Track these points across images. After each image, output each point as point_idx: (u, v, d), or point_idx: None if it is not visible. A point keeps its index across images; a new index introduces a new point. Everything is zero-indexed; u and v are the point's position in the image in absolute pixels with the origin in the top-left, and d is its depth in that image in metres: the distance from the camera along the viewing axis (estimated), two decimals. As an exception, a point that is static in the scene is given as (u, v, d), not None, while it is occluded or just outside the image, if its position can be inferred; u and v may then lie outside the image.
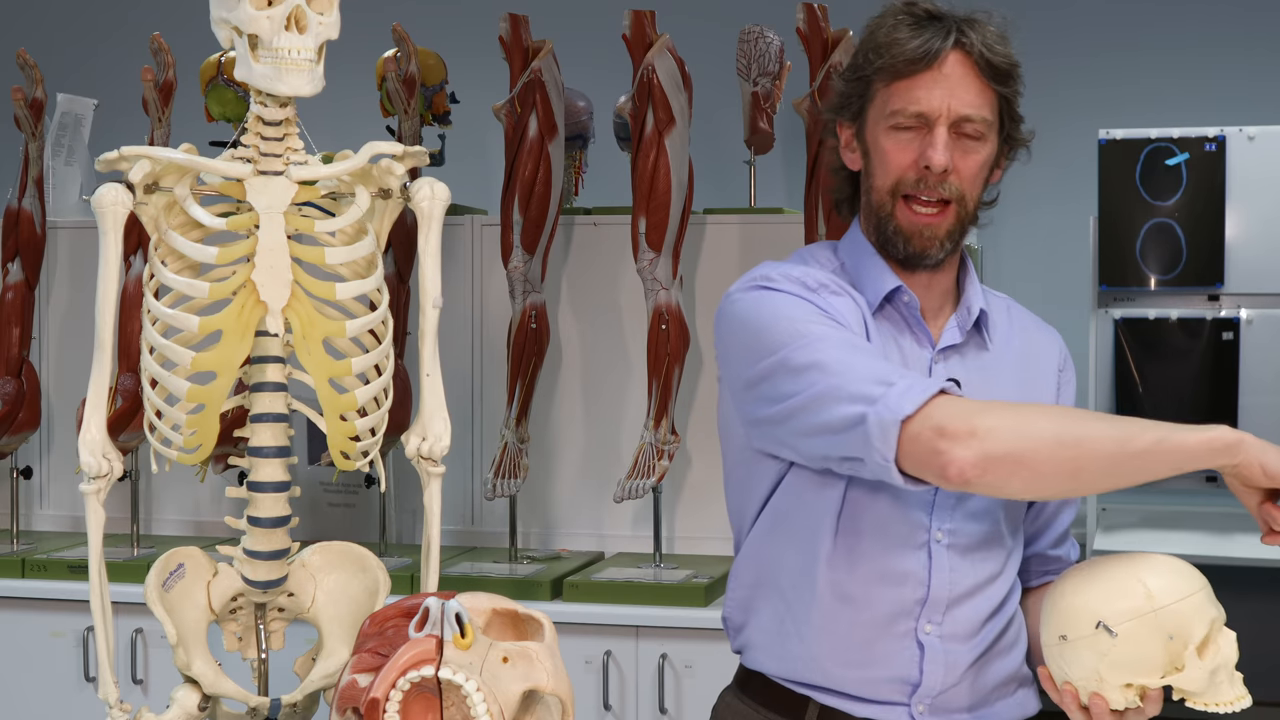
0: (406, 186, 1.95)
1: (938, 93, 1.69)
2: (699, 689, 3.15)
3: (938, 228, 1.72)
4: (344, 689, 1.54)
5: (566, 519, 3.77)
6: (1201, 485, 4.28)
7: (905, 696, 1.75)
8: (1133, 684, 1.56)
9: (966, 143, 1.71)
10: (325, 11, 1.82)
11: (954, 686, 1.76)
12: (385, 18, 3.60)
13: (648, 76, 3.31)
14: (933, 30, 1.70)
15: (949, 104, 1.69)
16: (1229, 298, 4.18)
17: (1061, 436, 1.53)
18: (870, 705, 1.75)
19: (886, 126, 1.72)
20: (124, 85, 3.96)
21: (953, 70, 1.70)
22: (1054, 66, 4.96)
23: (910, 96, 1.70)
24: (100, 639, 1.89)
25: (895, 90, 1.71)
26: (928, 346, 1.77)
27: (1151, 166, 4.19)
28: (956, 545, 1.75)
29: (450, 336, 3.76)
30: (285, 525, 1.93)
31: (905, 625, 1.74)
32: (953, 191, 1.71)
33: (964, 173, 1.71)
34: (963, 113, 1.70)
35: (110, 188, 1.84)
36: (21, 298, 3.75)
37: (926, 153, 1.69)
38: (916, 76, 1.70)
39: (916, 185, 1.71)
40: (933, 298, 1.80)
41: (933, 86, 1.69)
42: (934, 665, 1.74)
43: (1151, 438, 1.52)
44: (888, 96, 1.72)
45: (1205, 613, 1.57)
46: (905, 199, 1.72)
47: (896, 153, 1.72)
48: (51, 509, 4.03)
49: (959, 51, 1.70)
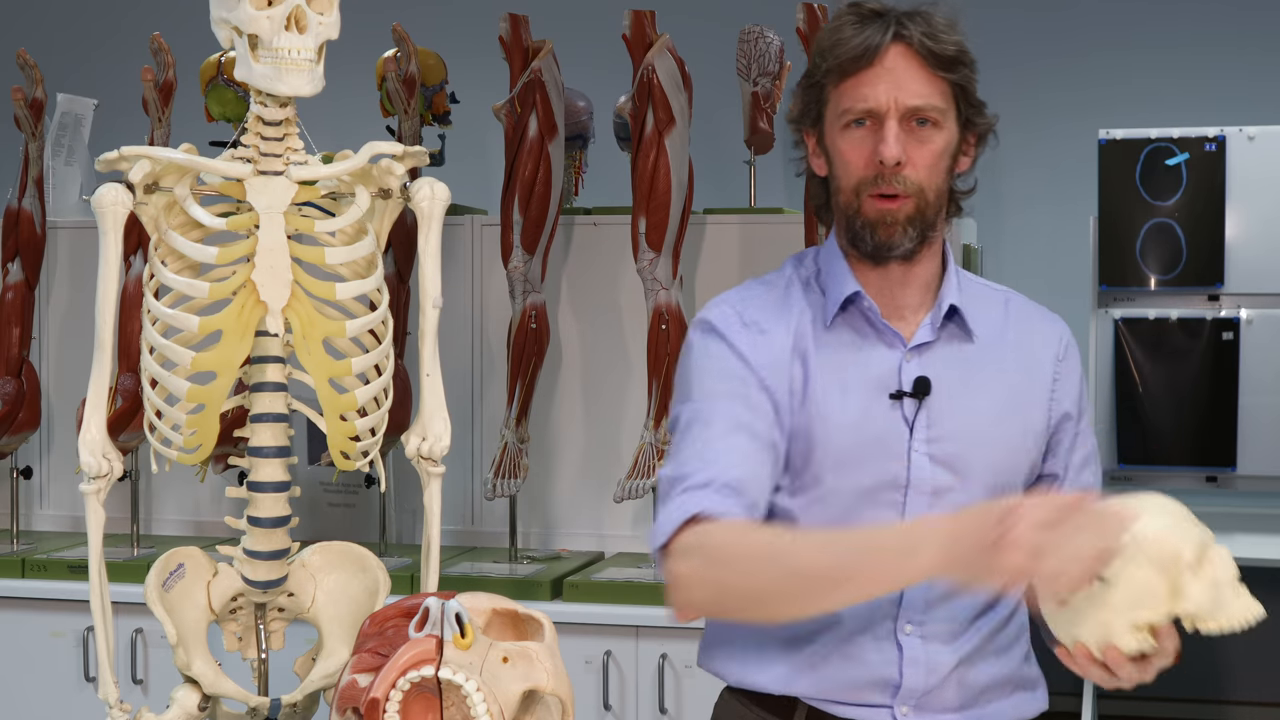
0: (406, 186, 1.95)
1: (882, 87, 1.70)
2: (699, 689, 3.15)
3: (897, 213, 1.72)
4: (344, 689, 1.54)
5: (566, 519, 3.77)
6: (1202, 485, 4.28)
7: (888, 698, 1.73)
8: (1140, 624, 1.54)
9: (920, 133, 1.72)
10: (325, 11, 1.82)
11: (939, 687, 1.74)
12: (385, 18, 3.60)
13: (648, 76, 3.31)
14: (873, 27, 1.72)
15: (895, 97, 1.70)
16: (1229, 298, 4.18)
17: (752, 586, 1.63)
18: (853, 708, 1.74)
19: (840, 127, 1.74)
20: (124, 85, 3.96)
21: (895, 63, 1.71)
22: (1054, 67, 4.97)
23: (857, 94, 1.72)
24: (100, 639, 1.89)
25: (843, 90, 1.73)
26: (899, 346, 1.76)
27: (1151, 166, 4.19)
28: None
29: (450, 336, 3.76)
30: (285, 525, 1.93)
31: (884, 627, 1.73)
32: (909, 185, 1.71)
33: (919, 164, 1.72)
34: (910, 104, 1.70)
35: (110, 188, 1.84)
36: (21, 298, 3.75)
37: (878, 148, 1.70)
38: (861, 74, 1.71)
39: (875, 182, 1.72)
40: (910, 294, 1.79)
41: (877, 82, 1.71)
42: (914, 667, 1.73)
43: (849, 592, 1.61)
44: (838, 98, 1.74)
45: (1189, 535, 1.55)
46: (870, 196, 1.73)
47: (852, 152, 1.73)
48: (51, 509, 4.03)
49: (899, 44, 1.71)
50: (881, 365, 1.75)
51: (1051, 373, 1.83)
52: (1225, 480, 4.26)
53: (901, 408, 1.73)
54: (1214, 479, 4.27)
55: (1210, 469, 4.24)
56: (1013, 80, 4.89)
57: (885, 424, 1.72)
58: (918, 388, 1.73)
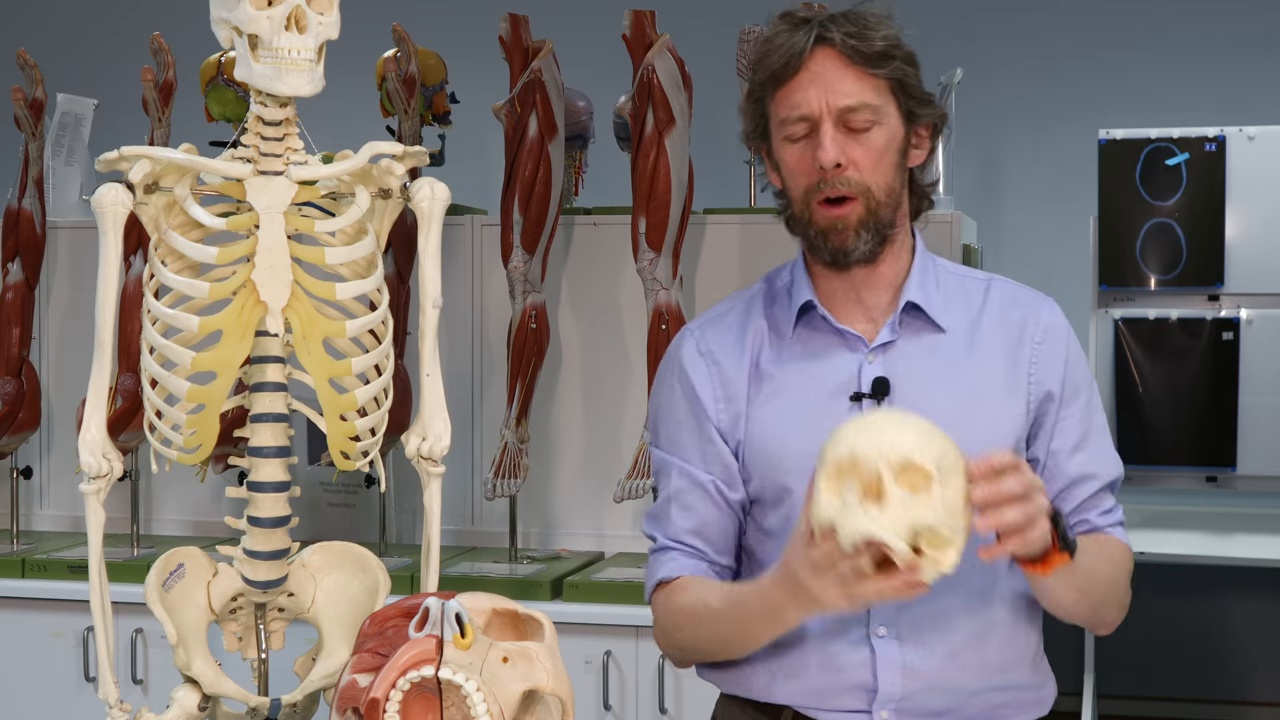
0: (406, 186, 1.95)
1: (812, 92, 1.71)
2: (699, 689, 3.14)
3: (848, 219, 1.72)
4: (344, 689, 1.54)
5: (566, 519, 3.77)
6: (1201, 485, 4.28)
7: (865, 704, 1.72)
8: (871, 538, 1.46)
9: (858, 134, 1.71)
10: (325, 11, 1.82)
11: (921, 691, 1.71)
12: (385, 18, 3.61)
13: (648, 76, 3.31)
14: (798, 34, 1.73)
15: (825, 100, 1.70)
16: (1229, 298, 4.19)
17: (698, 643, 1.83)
18: (834, 714, 1.74)
19: (781, 138, 1.75)
20: (124, 85, 3.96)
21: (821, 66, 1.71)
22: (1054, 66, 4.97)
23: (790, 102, 1.73)
24: (100, 639, 1.89)
25: (779, 100, 1.74)
26: (861, 349, 1.76)
27: (1151, 166, 4.20)
28: None
29: (450, 336, 3.76)
30: (285, 525, 1.93)
31: (856, 630, 1.72)
32: (853, 185, 1.71)
33: (862, 163, 1.71)
34: (842, 104, 1.70)
35: (110, 188, 1.84)
36: (21, 298, 3.75)
37: (816, 153, 1.71)
38: (791, 81, 1.72)
39: (819, 187, 1.72)
40: (877, 295, 1.79)
41: (806, 87, 1.71)
42: (889, 670, 1.71)
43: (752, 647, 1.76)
44: (775, 109, 1.75)
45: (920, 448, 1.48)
46: (819, 203, 1.73)
47: (795, 161, 1.74)
48: (51, 509, 4.03)
49: (823, 47, 1.72)
50: (844, 370, 1.76)
51: (1029, 354, 1.79)
52: (1225, 480, 4.26)
53: (860, 410, 1.72)
54: (1214, 479, 4.27)
55: (1210, 469, 4.25)
56: (1013, 80, 4.90)
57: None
58: (876, 388, 1.72)
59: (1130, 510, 4.37)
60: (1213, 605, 4.78)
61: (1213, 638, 4.81)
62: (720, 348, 1.83)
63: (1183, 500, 4.45)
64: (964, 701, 1.74)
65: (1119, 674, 4.71)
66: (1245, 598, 4.74)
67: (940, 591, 1.71)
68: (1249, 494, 4.36)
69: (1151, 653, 4.81)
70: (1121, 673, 4.73)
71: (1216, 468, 4.24)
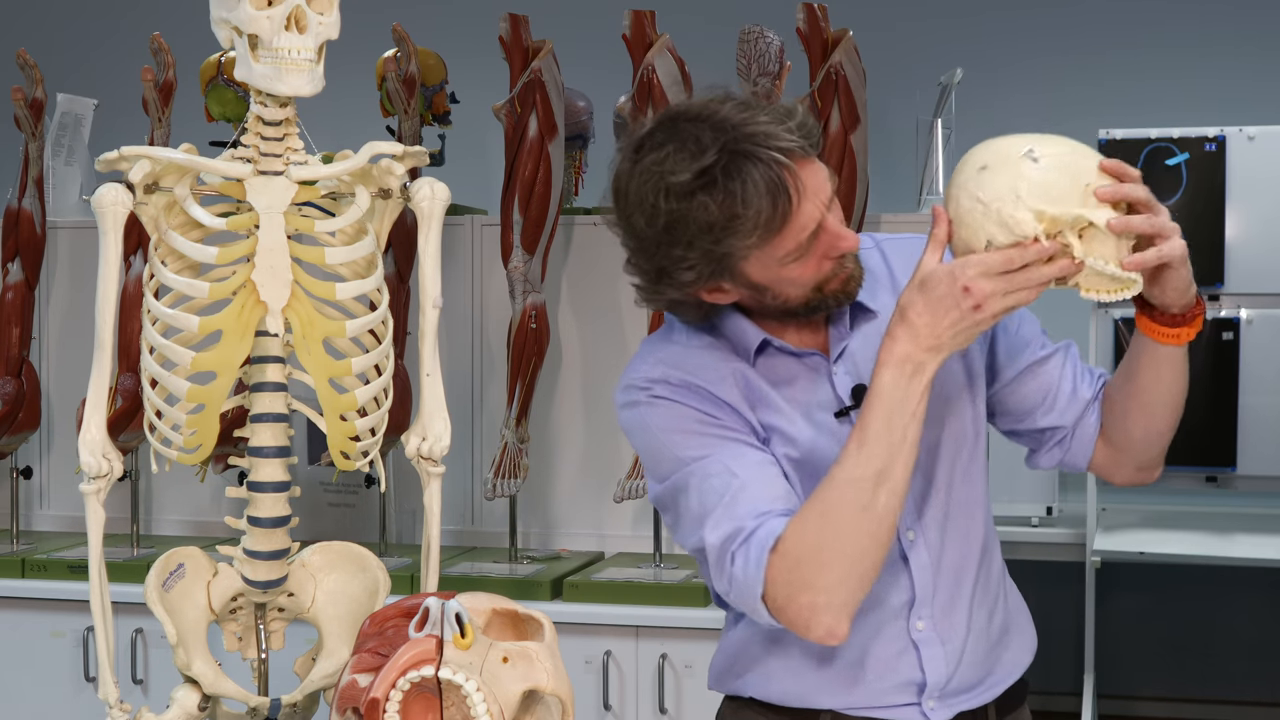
0: (406, 186, 1.95)
1: (809, 206, 1.60)
2: (699, 689, 3.15)
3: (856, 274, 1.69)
4: (344, 689, 1.54)
5: (566, 519, 3.77)
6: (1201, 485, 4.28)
7: (914, 696, 1.74)
8: (1044, 212, 1.50)
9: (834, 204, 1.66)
10: (325, 11, 1.82)
11: (959, 672, 1.74)
12: (385, 18, 3.60)
13: (648, 76, 3.31)
14: (766, 173, 1.57)
15: (820, 201, 1.62)
16: (1229, 298, 4.18)
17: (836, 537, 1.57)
18: (883, 711, 1.75)
19: (781, 263, 1.63)
20: (124, 85, 3.96)
21: (804, 182, 1.60)
22: (1055, 66, 4.96)
23: (798, 230, 1.60)
24: (100, 639, 1.89)
25: (779, 240, 1.61)
26: (822, 366, 1.74)
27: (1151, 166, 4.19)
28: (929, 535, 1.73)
29: (450, 336, 3.76)
30: (285, 525, 1.93)
31: (896, 628, 1.73)
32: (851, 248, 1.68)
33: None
34: (829, 193, 1.64)
35: (110, 188, 1.84)
36: (21, 298, 3.75)
37: (838, 245, 1.63)
38: (792, 218, 1.59)
39: (836, 272, 1.66)
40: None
41: (801, 206, 1.59)
42: (934, 662, 1.73)
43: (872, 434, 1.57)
44: (772, 247, 1.61)
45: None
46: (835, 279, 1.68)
47: (807, 270, 1.65)
48: (51, 509, 4.03)
49: (799, 161, 1.60)
50: (816, 389, 1.73)
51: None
52: (1225, 480, 4.25)
53: (851, 420, 1.68)
54: (1214, 479, 4.26)
55: (1210, 469, 4.24)
56: (1013, 80, 4.89)
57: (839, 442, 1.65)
58: (856, 396, 1.70)
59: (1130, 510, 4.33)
60: (1213, 605, 4.78)
61: (1213, 638, 4.81)
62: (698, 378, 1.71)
63: (1183, 500, 4.45)
64: (987, 659, 1.78)
65: (1119, 674, 4.71)
66: (1245, 598, 4.74)
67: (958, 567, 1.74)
68: (1249, 494, 4.35)
69: (1151, 653, 4.81)
70: (1121, 673, 4.73)
71: (1216, 468, 4.23)
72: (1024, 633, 1.85)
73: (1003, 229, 1.50)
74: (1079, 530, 4.00)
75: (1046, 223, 1.50)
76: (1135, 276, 1.53)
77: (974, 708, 1.77)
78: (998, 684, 1.79)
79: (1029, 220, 1.50)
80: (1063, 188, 1.51)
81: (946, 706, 1.75)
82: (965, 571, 1.76)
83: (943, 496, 1.74)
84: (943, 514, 1.74)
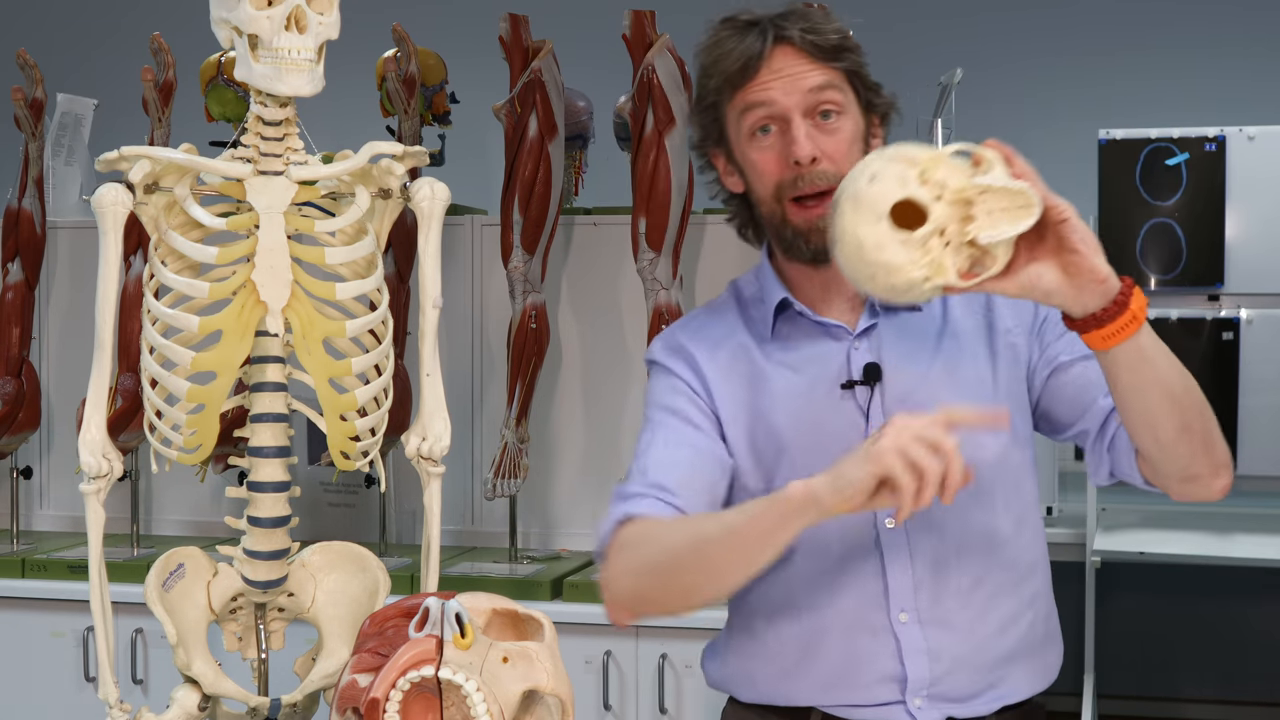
0: (406, 186, 1.95)
1: (777, 89, 1.72)
2: (699, 689, 3.15)
3: (825, 218, 1.72)
4: (344, 689, 1.54)
5: (566, 519, 3.77)
6: (1201, 485, 4.27)
7: (898, 693, 1.73)
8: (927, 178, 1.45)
9: (826, 125, 1.72)
10: (325, 11, 1.82)
11: (949, 674, 1.72)
12: (385, 18, 3.60)
13: (648, 76, 3.31)
14: (752, 35, 1.74)
15: (793, 95, 1.71)
16: (1229, 298, 4.18)
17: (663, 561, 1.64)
18: (867, 709, 1.74)
19: (747, 138, 1.75)
20: (124, 85, 3.96)
21: (784, 63, 1.72)
22: (1054, 66, 4.97)
23: (755, 102, 1.73)
24: (100, 639, 1.89)
25: (739, 102, 1.74)
26: (845, 337, 1.77)
27: (1151, 166, 4.19)
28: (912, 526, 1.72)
29: (450, 336, 3.76)
30: (285, 525, 1.93)
31: (878, 619, 1.73)
32: (829, 178, 1.71)
33: (834, 154, 1.72)
34: (810, 98, 1.72)
35: (110, 188, 1.84)
36: (21, 298, 3.75)
37: (791, 149, 1.71)
38: (753, 81, 1.73)
39: (795, 184, 1.72)
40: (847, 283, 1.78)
41: (771, 85, 1.72)
42: (915, 656, 1.72)
43: (723, 527, 1.60)
44: (736, 111, 1.75)
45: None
46: (793, 201, 1.73)
47: (764, 160, 1.74)
48: (51, 509, 4.03)
49: (782, 44, 1.73)
50: (831, 360, 1.77)
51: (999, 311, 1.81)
52: (1225, 480, 4.25)
53: (854, 397, 1.73)
54: (1214, 479, 4.26)
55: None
56: (1013, 80, 4.89)
57: (842, 415, 1.73)
58: (868, 374, 1.73)
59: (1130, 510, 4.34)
60: (1213, 605, 4.78)
61: (1213, 638, 4.81)
62: (698, 347, 1.83)
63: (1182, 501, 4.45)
64: (993, 680, 1.75)
65: (1119, 674, 4.71)
66: (1245, 598, 4.74)
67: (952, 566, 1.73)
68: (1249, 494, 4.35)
69: (1151, 653, 4.81)
70: (1121, 673, 4.73)
71: (1216, 468, 4.23)
72: (1042, 658, 1.81)
73: (887, 161, 1.47)
74: (1079, 530, 3.99)
75: (928, 158, 1.46)
76: (1027, 189, 1.44)
77: (969, 718, 1.74)
78: (999, 700, 1.76)
79: (911, 155, 1.46)
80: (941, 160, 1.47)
81: (936, 708, 1.72)
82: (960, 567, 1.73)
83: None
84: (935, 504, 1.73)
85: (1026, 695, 1.79)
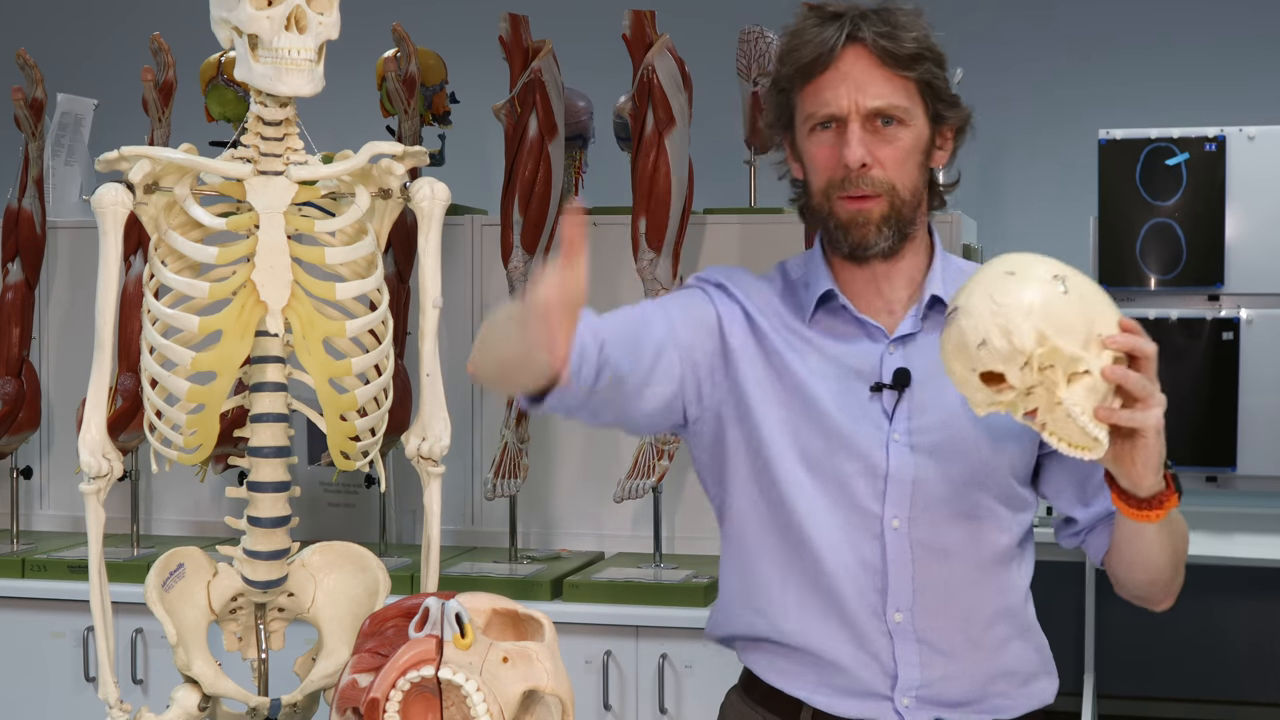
0: (406, 186, 1.95)
1: (842, 90, 1.71)
2: (699, 689, 3.15)
3: (870, 213, 1.72)
4: (344, 689, 1.54)
5: (566, 519, 3.77)
6: (1202, 485, 4.28)
7: (887, 690, 1.73)
8: (1047, 336, 1.47)
9: (885, 133, 1.72)
10: (325, 11, 1.82)
11: (941, 679, 1.72)
12: (385, 18, 3.60)
13: (648, 76, 3.31)
14: (830, 29, 1.72)
15: (855, 100, 1.70)
16: (1229, 298, 4.19)
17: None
18: (854, 701, 1.74)
19: (807, 131, 1.75)
20: (124, 85, 3.96)
21: (852, 66, 1.71)
22: (1054, 66, 4.97)
23: (819, 99, 1.72)
24: (100, 639, 1.89)
25: (806, 95, 1.74)
26: (881, 339, 1.77)
27: (1151, 166, 4.19)
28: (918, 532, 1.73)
29: (450, 336, 3.76)
30: (285, 525, 1.93)
31: (873, 614, 1.72)
32: (879, 185, 1.71)
33: (888, 163, 1.72)
34: (871, 105, 1.71)
35: (110, 188, 1.84)
36: (21, 298, 3.75)
37: (842, 151, 1.71)
38: (820, 77, 1.72)
39: (844, 184, 1.72)
40: (896, 288, 1.79)
41: (836, 85, 1.71)
42: (908, 655, 1.72)
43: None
44: (802, 102, 1.75)
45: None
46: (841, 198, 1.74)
47: (820, 155, 1.74)
48: (51, 509, 4.03)
49: (855, 45, 1.71)
50: (865, 358, 1.77)
51: None
52: (1225, 480, 4.26)
53: (881, 400, 1.73)
54: (1214, 479, 4.27)
55: (1210, 469, 4.24)
56: (1013, 80, 4.89)
57: (866, 414, 1.73)
58: (898, 379, 1.73)
59: (1130, 510, 4.26)
60: (1213, 605, 4.78)
61: (1213, 638, 4.81)
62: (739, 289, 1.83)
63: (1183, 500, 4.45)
64: (983, 688, 1.75)
65: (1119, 674, 4.71)
66: (1245, 598, 4.74)
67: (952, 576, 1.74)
68: (1249, 494, 4.35)
69: (1151, 653, 4.81)
70: (1121, 673, 4.73)
71: (1216, 468, 4.24)
72: (1037, 680, 1.82)
73: (1002, 335, 1.47)
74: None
75: (1046, 349, 1.47)
76: (1101, 436, 1.49)
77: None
78: (990, 713, 1.76)
79: (1030, 337, 1.47)
80: (1074, 324, 1.49)
81: (924, 710, 1.73)
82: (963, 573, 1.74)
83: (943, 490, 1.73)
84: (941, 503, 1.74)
85: (1023, 711, 1.80)
